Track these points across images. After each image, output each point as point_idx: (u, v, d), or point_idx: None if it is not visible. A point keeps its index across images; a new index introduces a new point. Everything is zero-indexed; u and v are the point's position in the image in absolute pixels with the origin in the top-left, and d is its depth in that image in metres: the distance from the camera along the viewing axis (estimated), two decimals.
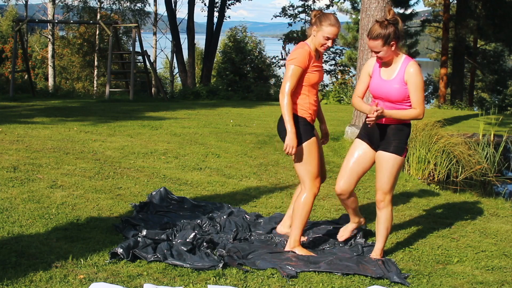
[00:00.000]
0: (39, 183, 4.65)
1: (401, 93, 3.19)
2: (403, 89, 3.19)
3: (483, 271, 3.31)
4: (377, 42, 3.15)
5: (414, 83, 3.17)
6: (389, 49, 3.18)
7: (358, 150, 3.39)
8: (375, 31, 3.16)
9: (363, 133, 3.40)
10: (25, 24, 14.71)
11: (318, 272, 3.11)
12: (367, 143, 3.37)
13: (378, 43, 3.15)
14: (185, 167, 5.67)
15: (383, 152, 3.28)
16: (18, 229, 3.50)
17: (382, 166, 3.27)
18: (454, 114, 13.22)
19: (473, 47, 24.87)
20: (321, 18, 3.29)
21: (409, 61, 3.21)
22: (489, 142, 7.29)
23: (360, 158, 3.38)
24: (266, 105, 14.00)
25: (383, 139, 3.29)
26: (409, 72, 3.18)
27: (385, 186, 3.28)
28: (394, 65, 3.24)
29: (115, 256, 3.11)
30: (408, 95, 3.19)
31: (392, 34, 3.15)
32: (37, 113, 9.49)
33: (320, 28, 3.29)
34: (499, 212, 4.75)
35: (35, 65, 27.08)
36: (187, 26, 20.40)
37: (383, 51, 3.17)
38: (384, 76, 3.26)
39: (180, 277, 2.94)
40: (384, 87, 3.23)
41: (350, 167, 3.38)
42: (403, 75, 3.20)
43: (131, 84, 13.81)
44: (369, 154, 3.37)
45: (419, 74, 3.19)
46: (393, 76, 3.23)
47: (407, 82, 3.18)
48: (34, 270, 2.87)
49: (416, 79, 3.17)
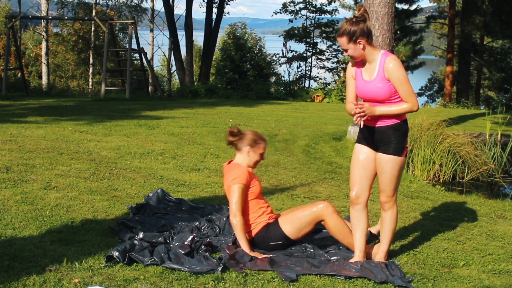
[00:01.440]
0: (33, 184, 4.61)
1: (386, 91, 3.14)
2: (387, 87, 3.13)
3: (490, 275, 3.27)
4: (343, 39, 3.11)
5: (397, 78, 3.11)
6: (356, 46, 3.11)
7: (360, 155, 3.33)
8: (342, 28, 3.12)
9: (361, 137, 3.35)
10: (18, 20, 14.56)
11: (320, 275, 3.07)
12: (367, 145, 3.32)
13: (344, 40, 3.11)
14: (183, 167, 5.62)
15: (382, 154, 3.23)
16: (11, 231, 3.47)
17: (383, 168, 3.23)
18: (460, 113, 13.21)
19: (480, 44, 24.81)
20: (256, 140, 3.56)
21: (386, 57, 3.14)
22: (496, 142, 7.28)
23: (364, 163, 3.32)
24: (266, 104, 13.95)
25: (382, 141, 3.24)
26: (389, 68, 3.12)
27: (388, 188, 3.25)
28: (373, 64, 3.18)
29: (111, 259, 3.09)
30: (393, 91, 3.14)
31: (359, 31, 3.09)
32: (30, 112, 9.46)
33: (257, 147, 3.56)
34: (507, 214, 4.72)
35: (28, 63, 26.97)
36: (185, 22, 20.35)
37: (351, 48, 3.12)
38: (366, 76, 3.21)
39: (177, 281, 2.91)
40: (368, 88, 3.19)
41: (359, 174, 3.33)
42: (383, 72, 3.14)
43: (127, 83, 13.75)
44: (372, 157, 3.32)
45: (400, 67, 3.12)
46: (374, 76, 3.17)
47: (390, 78, 3.13)
48: (27, 274, 2.84)
49: (398, 73, 3.11)
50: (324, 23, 22.75)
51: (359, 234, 3.34)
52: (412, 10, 21.63)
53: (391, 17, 7.24)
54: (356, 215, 3.35)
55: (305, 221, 3.45)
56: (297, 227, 3.46)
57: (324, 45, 23.12)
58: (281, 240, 3.47)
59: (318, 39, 22.98)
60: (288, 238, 3.48)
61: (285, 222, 3.49)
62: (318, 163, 6.40)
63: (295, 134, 8.25)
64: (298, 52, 22.28)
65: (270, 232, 3.48)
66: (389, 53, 3.19)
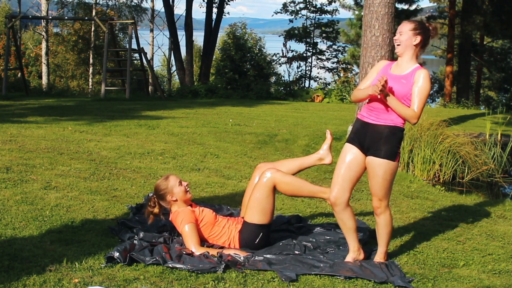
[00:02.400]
0: (33, 184, 4.61)
1: (404, 88, 3.12)
2: (408, 86, 3.13)
3: (490, 275, 3.27)
4: (408, 24, 3.19)
5: (421, 86, 3.12)
6: (411, 38, 3.16)
7: (348, 155, 3.26)
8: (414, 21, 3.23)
9: (353, 136, 3.28)
10: (18, 20, 14.55)
11: (320, 275, 3.07)
12: (357, 146, 3.25)
13: (408, 25, 3.18)
14: (183, 167, 5.62)
15: (373, 157, 3.17)
16: (11, 231, 3.46)
17: (374, 172, 3.17)
18: (460, 113, 13.20)
19: (480, 44, 24.77)
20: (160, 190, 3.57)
21: (423, 68, 3.20)
22: (496, 142, 7.28)
23: (351, 164, 3.25)
24: (266, 104, 13.95)
25: (374, 141, 3.17)
26: (419, 74, 3.15)
27: (379, 193, 3.19)
28: (406, 66, 3.22)
29: (111, 260, 3.07)
30: (409, 94, 3.12)
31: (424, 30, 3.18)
32: (30, 112, 9.44)
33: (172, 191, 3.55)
34: (507, 214, 4.72)
35: (28, 63, 26.93)
36: (185, 22, 20.33)
37: (406, 36, 3.16)
38: (394, 71, 3.23)
39: (177, 281, 2.90)
40: (390, 79, 3.17)
41: (342, 174, 3.25)
42: (413, 75, 3.16)
43: (127, 83, 13.73)
44: (360, 159, 3.24)
45: (428, 81, 3.15)
46: (403, 73, 3.20)
47: (415, 82, 3.14)
48: (27, 274, 2.83)
49: (424, 82, 3.13)
50: (324, 23, 22.76)
51: (349, 234, 3.31)
52: (412, 10, 21.62)
53: (391, 17, 7.23)
54: (339, 217, 3.30)
55: (263, 198, 3.39)
56: (261, 209, 3.40)
57: (324, 45, 23.13)
58: (260, 232, 3.42)
59: (318, 39, 22.98)
60: (263, 225, 3.43)
61: (249, 215, 3.44)
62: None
63: (295, 134, 8.25)
64: (298, 52, 22.29)
65: (246, 234, 3.44)
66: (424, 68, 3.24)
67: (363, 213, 4.43)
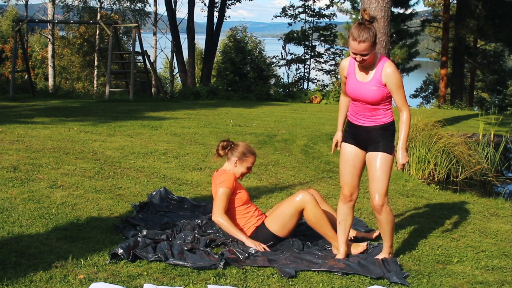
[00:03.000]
0: (39, 183, 4.64)
1: (379, 94, 3.14)
2: (381, 91, 3.14)
3: (483, 271, 3.30)
4: (365, 45, 3.01)
5: (394, 83, 3.12)
6: (372, 53, 3.07)
7: (349, 153, 3.34)
8: (359, 34, 3.00)
9: (348, 136, 3.36)
10: (25, 24, 14.67)
11: (318, 272, 3.10)
12: (354, 144, 3.33)
13: (365, 46, 3.01)
14: (185, 167, 5.67)
15: (374, 152, 3.24)
16: (18, 229, 3.49)
17: (376, 165, 3.23)
18: (454, 114, 13.23)
19: (473, 47, 24.90)
20: (245, 153, 3.59)
21: (385, 62, 3.14)
22: (489, 142, 7.31)
23: (354, 162, 3.34)
24: (266, 105, 14.00)
25: (370, 141, 3.25)
26: (386, 73, 3.12)
27: (380, 188, 3.23)
28: (369, 68, 3.15)
29: (115, 257, 3.10)
30: (385, 95, 3.15)
31: (374, 36, 3.03)
32: (37, 113, 9.49)
33: (245, 160, 3.58)
34: (499, 212, 4.75)
35: (35, 65, 27.06)
36: (187, 26, 20.38)
37: (371, 53, 3.05)
38: (360, 77, 3.18)
39: (180, 277, 2.93)
40: (360, 89, 3.17)
41: (350, 172, 3.35)
42: (380, 76, 3.13)
43: (131, 84, 13.80)
44: (360, 155, 3.33)
45: (397, 73, 3.13)
46: (370, 78, 3.15)
47: (386, 83, 3.13)
48: (34, 270, 2.86)
49: (395, 78, 3.11)
50: (322, 26, 22.88)
51: (343, 229, 3.39)
52: (408, 14, 21.78)
53: (387, 21, 7.31)
54: (347, 212, 3.39)
55: (289, 215, 3.46)
56: (282, 223, 3.47)
57: (322, 48, 23.22)
58: (271, 240, 3.49)
59: (317, 42, 23.06)
60: (277, 236, 3.50)
61: (271, 221, 3.51)
62: (316, 162, 6.45)
63: (294, 134, 8.30)
64: (297, 55, 22.37)
65: (260, 235, 3.50)
66: (387, 58, 3.19)
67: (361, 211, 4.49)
